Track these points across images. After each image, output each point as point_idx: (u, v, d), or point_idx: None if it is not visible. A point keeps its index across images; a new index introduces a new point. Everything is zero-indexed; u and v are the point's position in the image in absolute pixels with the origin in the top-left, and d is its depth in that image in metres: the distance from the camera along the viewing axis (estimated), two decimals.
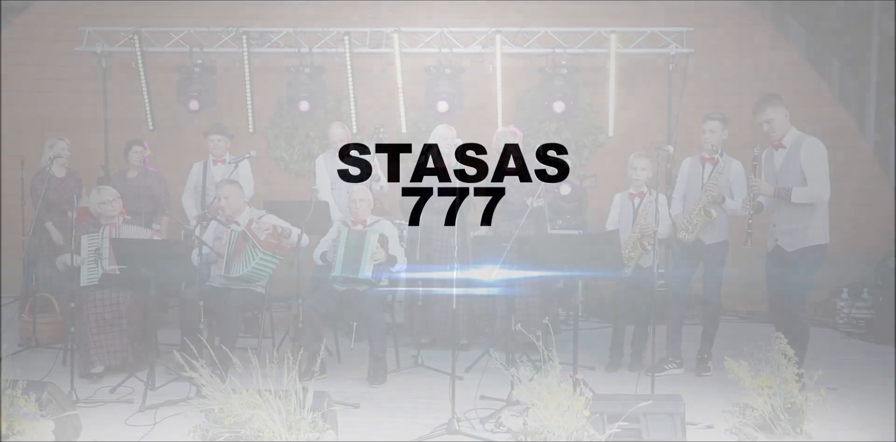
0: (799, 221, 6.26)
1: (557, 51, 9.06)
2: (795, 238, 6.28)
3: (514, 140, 7.28)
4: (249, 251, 6.59)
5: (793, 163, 6.25)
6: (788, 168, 6.27)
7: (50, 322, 7.59)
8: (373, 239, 6.66)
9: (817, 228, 6.27)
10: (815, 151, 6.24)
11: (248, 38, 9.28)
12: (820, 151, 6.25)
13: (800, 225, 6.26)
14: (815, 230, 6.27)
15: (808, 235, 6.26)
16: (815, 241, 6.27)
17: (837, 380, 6.54)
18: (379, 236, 6.69)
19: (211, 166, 8.31)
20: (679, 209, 6.80)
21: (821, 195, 6.21)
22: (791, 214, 6.28)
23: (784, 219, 6.31)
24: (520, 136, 7.39)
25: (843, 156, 9.27)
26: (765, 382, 4.58)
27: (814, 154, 6.23)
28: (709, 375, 6.73)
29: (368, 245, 6.64)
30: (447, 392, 5.60)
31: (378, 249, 6.65)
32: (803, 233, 6.26)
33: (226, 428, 4.22)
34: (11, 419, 4.28)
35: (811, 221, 6.25)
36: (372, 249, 6.64)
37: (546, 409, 4.22)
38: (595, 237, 6.95)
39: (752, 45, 9.49)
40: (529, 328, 5.55)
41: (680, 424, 4.58)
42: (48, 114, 10.02)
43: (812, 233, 6.26)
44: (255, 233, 6.56)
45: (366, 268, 6.63)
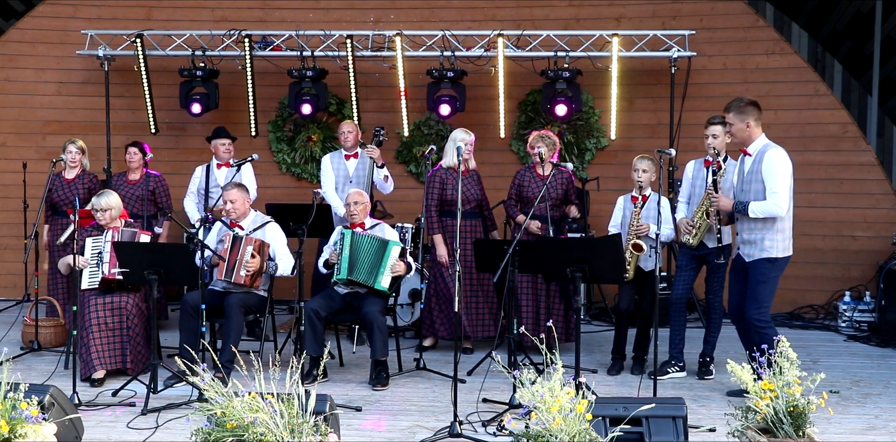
0: (758, 231, 6.16)
1: (560, 54, 9.06)
2: (753, 249, 6.20)
3: (548, 143, 7.27)
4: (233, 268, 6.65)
5: (755, 172, 6.13)
6: (752, 177, 6.16)
7: (52, 325, 7.59)
8: (395, 251, 6.62)
9: (774, 240, 6.13)
10: (775, 163, 6.07)
11: (250, 41, 9.28)
12: (781, 164, 6.07)
13: (758, 236, 6.16)
14: (772, 242, 6.13)
15: (763, 247, 6.15)
16: (772, 253, 6.15)
17: (840, 383, 6.58)
18: (401, 249, 6.66)
19: (214, 169, 8.32)
20: (684, 213, 6.79)
21: (776, 211, 6.05)
22: (752, 225, 6.18)
23: (745, 229, 6.22)
24: (556, 142, 7.39)
25: (844, 159, 9.31)
26: (767, 386, 4.57)
27: (774, 166, 6.06)
28: (711, 379, 6.71)
29: (389, 256, 6.60)
30: (449, 395, 5.60)
31: (399, 262, 6.64)
32: (760, 244, 6.15)
33: (228, 431, 4.18)
34: (13, 423, 4.23)
35: (768, 233, 6.12)
36: (392, 262, 6.61)
37: (548, 412, 4.18)
38: (597, 241, 6.97)
39: (753, 48, 9.48)
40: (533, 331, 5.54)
41: (682, 427, 4.55)
42: (50, 117, 10.04)
43: (769, 245, 6.14)
44: (241, 263, 6.59)
45: (384, 279, 6.60)
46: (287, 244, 6.98)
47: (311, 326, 6.49)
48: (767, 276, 6.16)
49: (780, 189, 6.05)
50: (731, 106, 6.19)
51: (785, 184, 6.07)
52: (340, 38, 9.31)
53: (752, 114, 6.14)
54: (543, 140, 7.28)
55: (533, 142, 7.32)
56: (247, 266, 6.59)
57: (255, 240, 6.69)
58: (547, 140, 7.29)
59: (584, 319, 8.81)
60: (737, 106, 6.16)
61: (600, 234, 8.75)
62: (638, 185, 6.81)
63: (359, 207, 6.87)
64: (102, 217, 6.87)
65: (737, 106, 6.16)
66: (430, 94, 9.18)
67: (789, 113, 9.28)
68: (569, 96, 8.99)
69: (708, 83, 9.40)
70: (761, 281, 6.16)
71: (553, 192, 7.35)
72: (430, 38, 9.32)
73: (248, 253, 6.60)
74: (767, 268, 6.16)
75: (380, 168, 7.87)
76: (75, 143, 7.89)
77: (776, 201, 6.05)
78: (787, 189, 6.08)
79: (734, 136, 6.24)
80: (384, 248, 6.63)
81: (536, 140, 7.30)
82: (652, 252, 6.61)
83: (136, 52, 9.35)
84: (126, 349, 6.60)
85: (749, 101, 6.18)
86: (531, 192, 7.35)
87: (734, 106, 6.17)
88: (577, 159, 9.63)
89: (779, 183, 6.05)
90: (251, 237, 6.71)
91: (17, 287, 9.59)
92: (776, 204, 6.05)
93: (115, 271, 6.61)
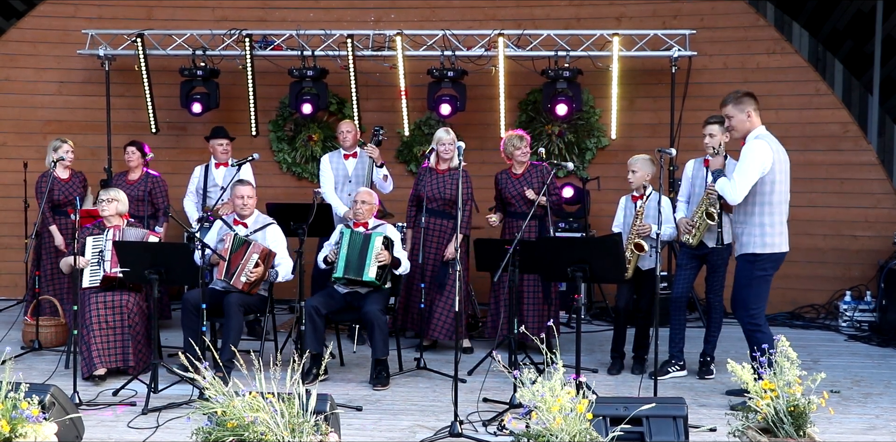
0: (739, 225, 6.14)
1: (560, 53, 9.05)
2: (737, 244, 6.20)
3: (521, 144, 7.36)
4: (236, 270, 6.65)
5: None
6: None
7: (53, 325, 7.59)
8: (378, 241, 6.66)
9: (751, 235, 6.04)
10: (748, 152, 5.97)
11: (250, 40, 9.27)
12: (754, 152, 5.94)
13: (738, 230, 6.15)
14: (749, 238, 6.05)
15: (742, 242, 6.10)
16: (749, 249, 6.07)
17: (840, 383, 6.58)
18: (384, 238, 6.69)
19: (213, 169, 8.32)
20: (684, 212, 6.79)
21: (730, 193, 5.97)
22: (735, 217, 6.18)
23: (736, 221, 6.21)
24: (527, 139, 7.45)
25: (845, 158, 9.30)
26: (768, 385, 4.56)
27: (746, 154, 5.97)
28: (712, 378, 6.71)
29: (373, 247, 6.64)
30: (450, 395, 5.60)
31: (383, 251, 6.65)
32: (740, 239, 6.13)
33: (229, 431, 4.18)
34: (14, 422, 4.23)
35: (746, 228, 6.07)
36: (377, 251, 6.63)
37: (549, 412, 4.17)
38: (597, 240, 6.97)
39: (754, 47, 9.47)
40: (532, 330, 5.54)
41: (683, 426, 4.55)
42: (51, 117, 10.04)
43: (746, 240, 6.07)
44: (243, 269, 6.59)
45: (370, 270, 6.63)
46: (287, 246, 6.98)
47: (311, 323, 6.50)
48: (749, 277, 6.08)
49: (742, 176, 5.93)
50: (728, 99, 6.13)
51: (751, 173, 5.93)
52: (341, 38, 9.30)
53: (750, 104, 6.07)
54: (522, 140, 7.41)
55: (517, 143, 7.39)
56: (248, 274, 6.59)
57: (263, 248, 6.68)
58: (523, 140, 7.43)
59: (585, 318, 8.80)
60: (734, 98, 6.11)
61: (601, 233, 8.76)
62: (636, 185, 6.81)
63: (364, 207, 6.89)
64: (108, 207, 6.85)
65: (734, 98, 6.11)
66: (431, 93, 9.17)
67: (790, 112, 9.27)
68: (569, 96, 8.98)
69: (708, 83, 9.37)
70: (743, 285, 6.11)
71: (532, 189, 7.39)
72: (430, 37, 9.31)
73: (253, 261, 6.60)
74: (748, 269, 6.09)
75: (379, 167, 7.87)
76: (67, 143, 7.86)
77: (732, 185, 5.97)
78: (750, 179, 5.93)
79: (735, 129, 6.14)
80: (368, 240, 6.67)
81: (516, 141, 7.41)
82: (652, 251, 6.60)
83: (137, 51, 9.34)
84: (128, 347, 6.60)
85: (745, 93, 6.13)
86: (509, 193, 7.46)
87: (731, 98, 6.12)
88: (577, 159, 9.62)
89: (745, 170, 5.94)
90: (259, 244, 6.70)
91: (17, 287, 9.59)
92: (732, 187, 5.97)
93: (115, 270, 6.61)
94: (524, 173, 7.45)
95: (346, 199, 7.93)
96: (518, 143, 7.41)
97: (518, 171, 7.47)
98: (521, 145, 7.40)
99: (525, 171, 7.46)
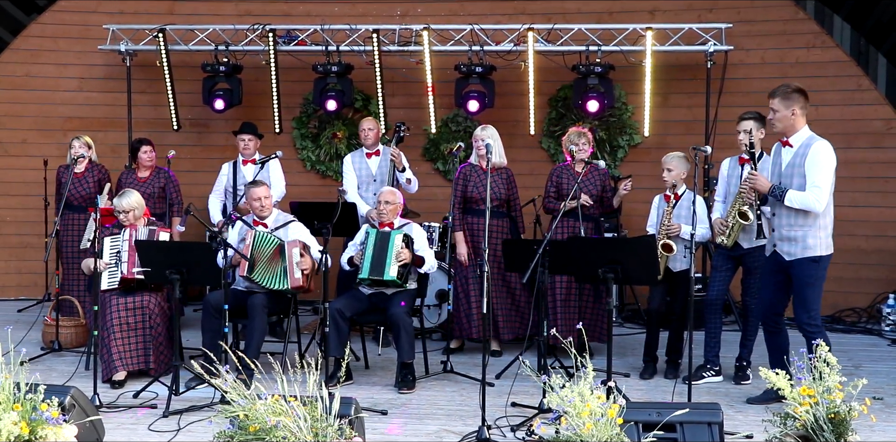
0: (800, 228, 5.88)
1: (592, 48, 8.92)
2: (794, 247, 5.91)
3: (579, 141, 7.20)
4: (280, 274, 6.59)
5: (798, 165, 5.87)
6: (793, 170, 5.89)
7: (73, 326, 7.55)
8: (397, 239, 6.57)
9: (817, 237, 5.85)
10: (820, 156, 5.79)
11: (274, 36, 9.20)
12: (826, 157, 5.80)
13: (800, 233, 5.88)
14: (816, 240, 5.85)
15: (807, 245, 5.87)
16: (816, 251, 5.86)
17: (883, 389, 6.43)
18: (404, 236, 6.60)
19: (241, 167, 8.22)
20: (720, 212, 6.60)
21: (814, 205, 5.78)
22: (793, 221, 5.90)
23: (784, 224, 5.94)
24: (587, 136, 7.29)
25: (889, 156, 9.09)
26: (807, 391, 4.44)
27: (819, 159, 5.79)
28: (748, 384, 6.57)
29: (392, 245, 6.55)
30: (477, 399, 5.53)
31: (403, 249, 6.55)
32: (803, 242, 5.87)
33: (251, 435, 4.19)
34: (34, 424, 4.26)
35: (811, 230, 5.84)
36: (396, 250, 6.53)
37: (579, 417, 4.14)
38: (630, 240, 6.85)
39: (793, 41, 9.27)
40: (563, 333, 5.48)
41: (718, 433, 4.48)
42: (72, 113, 10.00)
43: (812, 243, 5.85)
44: (295, 264, 6.57)
45: (391, 269, 6.53)
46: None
47: (335, 327, 6.42)
48: (814, 277, 5.91)
49: (823, 184, 5.79)
50: (777, 91, 5.90)
51: (828, 179, 5.81)
52: (366, 33, 9.21)
53: (798, 101, 5.86)
54: (581, 137, 7.24)
55: (575, 139, 7.24)
56: (301, 266, 6.57)
57: (296, 241, 6.67)
58: (582, 137, 7.25)
59: (616, 321, 8.66)
60: (783, 91, 5.89)
61: (632, 233, 8.62)
62: (671, 184, 6.69)
63: (389, 207, 6.79)
64: (125, 218, 6.81)
65: (783, 91, 5.89)
66: (458, 89, 9.08)
67: (831, 109, 9.02)
68: (601, 92, 8.85)
69: (745, 78, 9.20)
70: (808, 283, 5.91)
71: (593, 189, 7.31)
72: (458, 32, 9.22)
73: (297, 254, 6.59)
74: (813, 268, 5.90)
75: (401, 172, 7.74)
76: (80, 139, 7.86)
77: (816, 195, 5.78)
78: (829, 185, 5.82)
79: (777, 123, 5.91)
80: (388, 238, 6.58)
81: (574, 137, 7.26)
82: (686, 252, 6.49)
83: (159, 47, 9.30)
84: (149, 349, 6.58)
85: (796, 88, 5.90)
86: (564, 190, 7.28)
87: (780, 91, 5.89)
88: (609, 157, 9.50)
89: (822, 177, 5.79)
90: (291, 241, 6.66)
91: (37, 286, 9.53)
92: (816, 198, 5.78)
93: (135, 271, 6.55)
94: (586, 173, 7.23)
95: (370, 198, 7.82)
96: (576, 139, 7.24)
97: (578, 169, 7.26)
98: (578, 141, 7.22)
99: (587, 172, 7.23)
